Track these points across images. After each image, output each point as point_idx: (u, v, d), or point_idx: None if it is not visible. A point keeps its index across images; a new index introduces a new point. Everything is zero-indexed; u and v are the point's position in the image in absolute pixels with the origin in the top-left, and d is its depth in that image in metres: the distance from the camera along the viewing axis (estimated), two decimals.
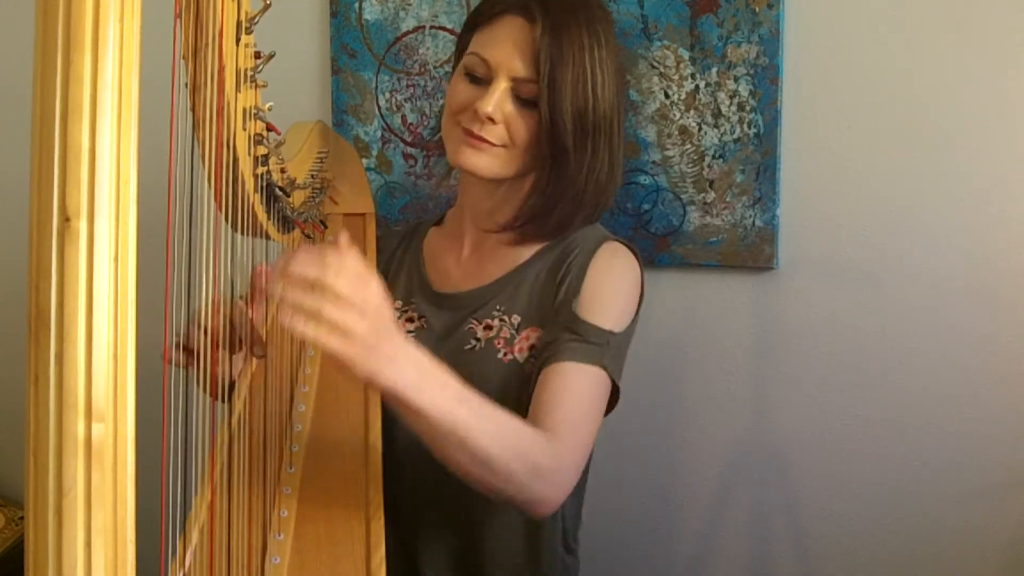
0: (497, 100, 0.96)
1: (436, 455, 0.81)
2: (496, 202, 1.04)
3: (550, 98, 0.95)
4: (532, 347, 0.98)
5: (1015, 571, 1.22)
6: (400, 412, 0.79)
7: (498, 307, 1.01)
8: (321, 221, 1.15)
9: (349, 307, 0.70)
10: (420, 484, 0.99)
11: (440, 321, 1.04)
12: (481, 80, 0.98)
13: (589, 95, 0.96)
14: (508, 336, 0.99)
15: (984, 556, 1.23)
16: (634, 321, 1.01)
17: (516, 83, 0.96)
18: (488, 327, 1.00)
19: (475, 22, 1.02)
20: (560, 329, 0.95)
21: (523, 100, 0.97)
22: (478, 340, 1.00)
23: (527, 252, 1.04)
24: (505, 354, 0.98)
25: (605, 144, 0.99)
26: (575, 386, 0.92)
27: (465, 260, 1.08)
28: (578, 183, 0.99)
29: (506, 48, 0.97)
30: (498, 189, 1.03)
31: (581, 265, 0.99)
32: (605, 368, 0.94)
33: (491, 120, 0.96)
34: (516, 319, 1.00)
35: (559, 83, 0.95)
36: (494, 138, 0.97)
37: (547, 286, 1.01)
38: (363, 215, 1.21)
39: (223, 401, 0.91)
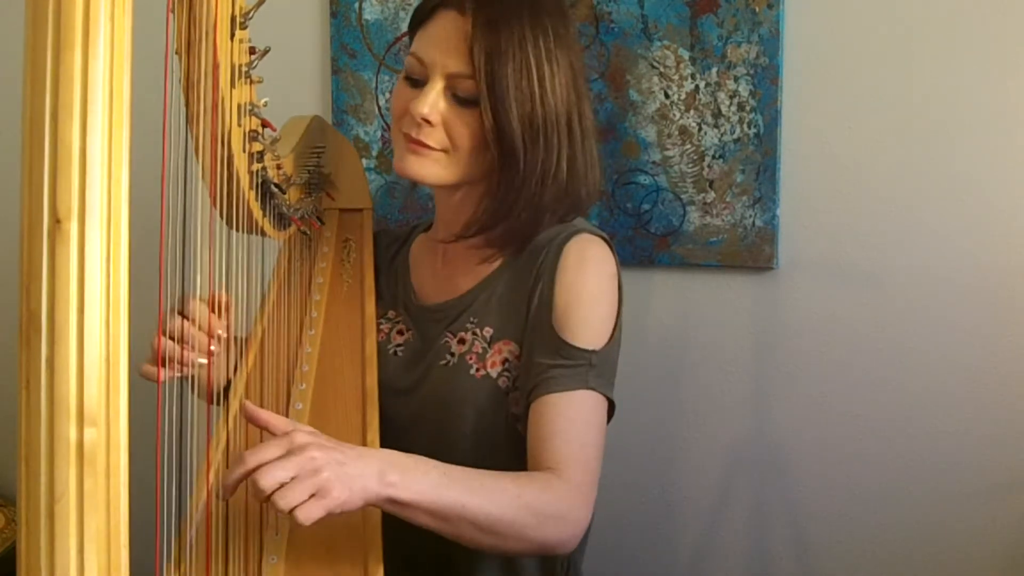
0: (431, 100, 0.91)
1: (446, 537, 0.81)
2: (453, 211, 1.00)
3: (490, 94, 0.89)
4: (505, 360, 0.95)
5: (1015, 572, 1.22)
6: (396, 513, 0.79)
7: (471, 320, 0.98)
8: (318, 217, 1.15)
9: (307, 475, 0.71)
10: None
11: (422, 331, 1.02)
12: (419, 82, 0.94)
13: (535, 89, 0.90)
14: (480, 351, 0.96)
15: (984, 556, 1.23)
16: (617, 325, 0.95)
17: (451, 80, 0.91)
18: (462, 341, 0.97)
19: (414, 23, 0.97)
20: (541, 352, 0.92)
21: (462, 99, 0.91)
22: (452, 355, 0.97)
23: (497, 260, 1.00)
24: (477, 370, 0.95)
25: (560, 144, 0.93)
26: (569, 416, 0.89)
27: (439, 271, 1.05)
28: (531, 186, 0.93)
29: (439, 45, 0.92)
30: (453, 196, 0.99)
31: (551, 267, 0.94)
32: (593, 388, 0.90)
33: (427, 122, 0.91)
34: (488, 332, 0.97)
35: (498, 77, 0.89)
36: (433, 142, 0.92)
37: (518, 294, 0.97)
38: (360, 211, 1.20)
39: (217, 404, 0.90)
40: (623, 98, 1.29)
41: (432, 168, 0.94)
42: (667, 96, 1.27)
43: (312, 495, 0.71)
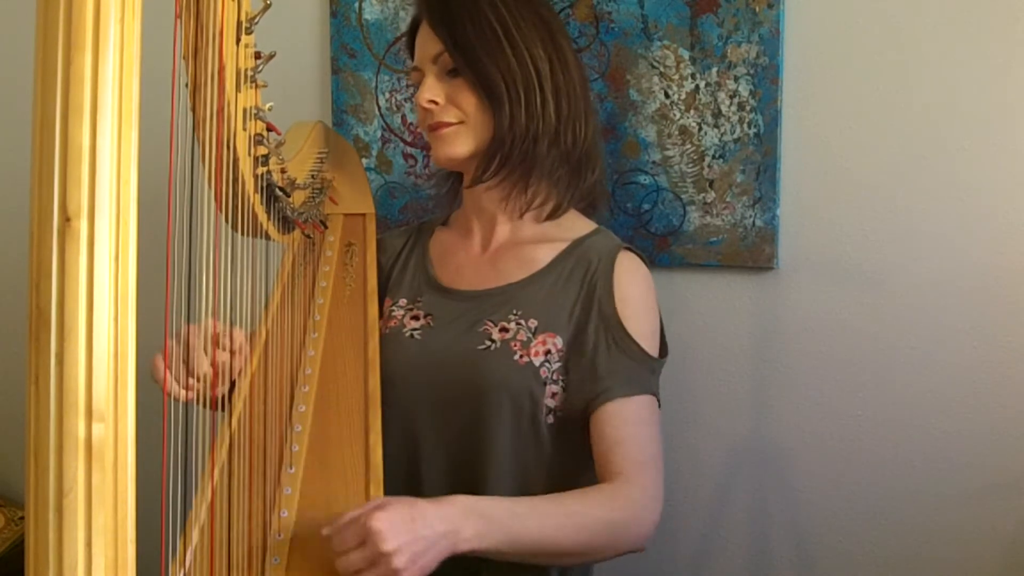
0: (429, 84, 1.02)
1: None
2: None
3: (461, 53, 1.00)
4: (547, 352, 0.99)
5: (1015, 572, 1.22)
6: (492, 556, 0.84)
7: (515, 311, 1.02)
8: (321, 221, 1.15)
9: (390, 556, 0.75)
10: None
11: (452, 317, 1.04)
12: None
13: (500, 37, 1.00)
14: (524, 339, 1.00)
15: (983, 556, 1.23)
16: (663, 338, 1.05)
17: (437, 63, 1.02)
18: (504, 329, 1.01)
19: (410, 52, 1.10)
20: (608, 352, 0.98)
21: (452, 72, 1.02)
22: (493, 341, 1.00)
23: (544, 257, 1.05)
24: (521, 356, 0.99)
25: (543, 81, 1.01)
26: (637, 421, 0.96)
27: (477, 259, 1.09)
28: (521, 120, 1.00)
29: (420, 47, 1.05)
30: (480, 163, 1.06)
31: (606, 274, 1.02)
32: (654, 394, 0.99)
33: (433, 103, 1.02)
34: (533, 323, 1.01)
35: (461, 39, 1.00)
36: (449, 117, 1.02)
37: (565, 293, 1.02)
38: (363, 215, 1.21)
39: (222, 410, 0.91)
40: (623, 98, 1.29)
41: (459, 143, 1.03)
42: (667, 96, 1.28)
43: None
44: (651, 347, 1.01)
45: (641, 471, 0.93)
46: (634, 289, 1.02)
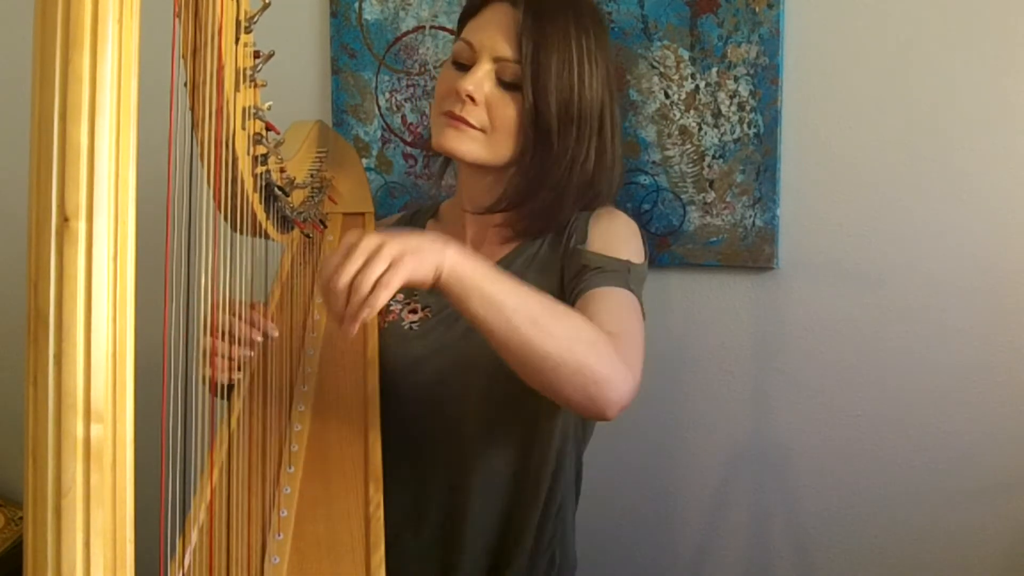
0: (478, 79, 0.97)
1: (497, 339, 0.80)
2: (481, 191, 1.05)
3: (534, 79, 0.95)
4: None
5: (1015, 572, 1.22)
6: (455, 296, 0.79)
7: None
8: (320, 220, 1.15)
9: (374, 256, 0.75)
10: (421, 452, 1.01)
11: (447, 308, 1.04)
12: (466, 66, 0.99)
13: (575, 81, 0.97)
14: None
15: (983, 557, 1.23)
16: (646, 261, 1.01)
17: (499, 65, 0.97)
18: None
19: (465, 14, 1.04)
20: (578, 270, 0.95)
21: (507, 84, 0.97)
22: None
23: (522, 240, 1.04)
24: None
25: (591, 135, 0.99)
26: (611, 305, 0.91)
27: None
28: (560, 170, 0.99)
29: (490, 31, 0.98)
30: (484, 178, 1.03)
31: (582, 227, 1.00)
32: (632, 291, 0.94)
33: (471, 99, 0.97)
34: None
35: (543, 65, 0.95)
36: (474, 120, 0.98)
37: (551, 257, 1.01)
38: (362, 214, 1.21)
39: (222, 398, 0.91)
40: (623, 98, 1.29)
41: (470, 145, 0.99)
42: (667, 96, 1.28)
43: (386, 270, 0.74)
44: (629, 256, 0.97)
45: (622, 340, 0.85)
46: (610, 225, 1.00)
